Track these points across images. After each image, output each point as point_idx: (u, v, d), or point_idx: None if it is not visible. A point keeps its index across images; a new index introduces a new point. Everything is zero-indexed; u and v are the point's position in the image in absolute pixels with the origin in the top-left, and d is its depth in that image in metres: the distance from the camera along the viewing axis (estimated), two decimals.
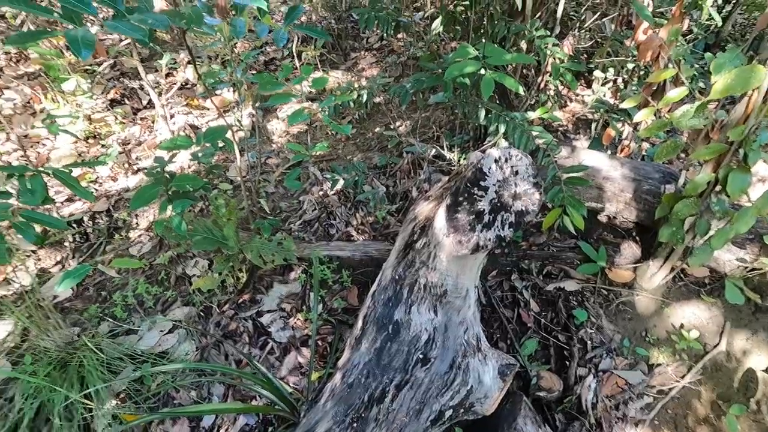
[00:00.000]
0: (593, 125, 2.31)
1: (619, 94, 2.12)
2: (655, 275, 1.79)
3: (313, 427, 1.17)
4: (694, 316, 1.77)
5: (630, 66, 2.43)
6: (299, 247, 2.06)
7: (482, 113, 1.87)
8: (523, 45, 2.05)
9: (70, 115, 2.93)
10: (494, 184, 1.14)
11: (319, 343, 1.77)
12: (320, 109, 1.85)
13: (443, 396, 1.21)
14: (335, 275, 1.98)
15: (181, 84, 3.42)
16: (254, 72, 3.49)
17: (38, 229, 1.40)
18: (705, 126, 1.40)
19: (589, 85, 3.04)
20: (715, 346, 1.68)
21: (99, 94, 3.27)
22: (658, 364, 1.62)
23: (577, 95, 3.02)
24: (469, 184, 1.13)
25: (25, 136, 2.90)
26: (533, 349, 1.69)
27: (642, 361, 1.61)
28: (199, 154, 1.89)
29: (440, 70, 1.82)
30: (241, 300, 1.92)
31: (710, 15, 1.53)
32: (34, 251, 2.25)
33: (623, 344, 1.66)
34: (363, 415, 1.15)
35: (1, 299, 1.99)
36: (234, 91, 3.32)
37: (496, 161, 1.12)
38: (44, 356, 1.60)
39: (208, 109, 3.25)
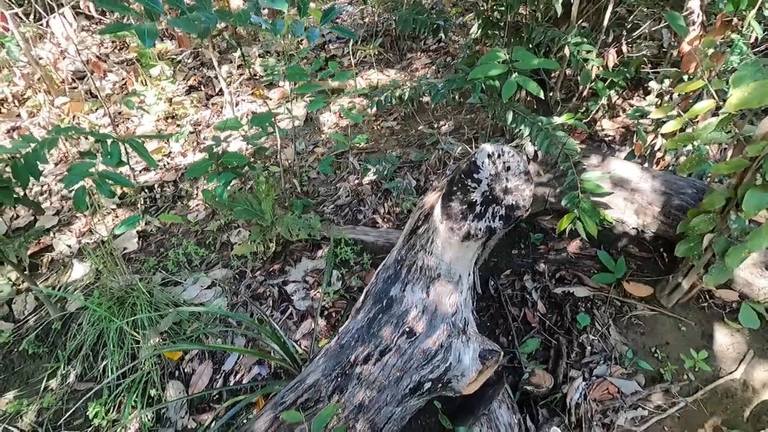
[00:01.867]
0: (635, 135, 2.25)
1: (659, 104, 2.05)
2: (674, 292, 1.74)
3: (304, 378, 1.34)
4: (713, 340, 1.70)
5: (686, 77, 2.33)
6: (328, 228, 2.25)
7: (509, 115, 1.93)
8: (566, 51, 2.06)
9: (154, 96, 3.37)
10: (487, 177, 1.22)
11: (333, 314, 1.94)
12: (367, 105, 2.00)
13: (423, 368, 1.32)
14: (358, 257, 2.14)
15: (250, 75, 3.77)
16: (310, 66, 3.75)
17: (116, 188, 1.70)
18: (730, 140, 1.37)
19: (646, 95, 2.92)
20: (730, 373, 1.61)
21: (181, 80, 3.71)
22: (662, 380, 1.59)
23: (632, 106, 2.92)
24: (463, 175, 1.23)
25: (119, 113, 3.39)
26: (534, 349, 1.73)
27: (641, 374, 1.59)
28: (249, 137, 2.14)
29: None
30: (271, 269, 2.15)
31: (750, 25, 1.46)
32: (114, 209, 2.66)
33: (626, 355, 1.65)
34: (347, 372, 1.29)
35: (85, 246, 2.39)
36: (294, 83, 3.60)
37: (489, 156, 1.21)
38: (109, 294, 1.92)
39: (271, 99, 3.56)
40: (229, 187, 1.93)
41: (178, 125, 3.29)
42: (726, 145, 1.92)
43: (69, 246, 2.44)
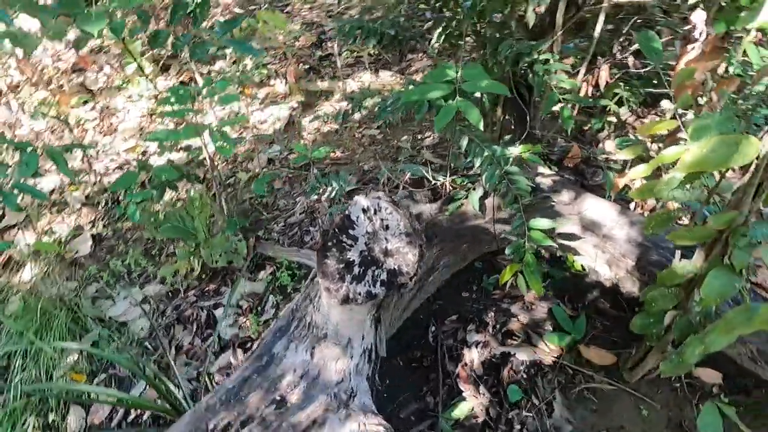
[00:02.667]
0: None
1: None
2: (638, 367, 1.45)
3: None
4: (680, 430, 1.40)
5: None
6: (271, 248, 2.09)
7: (464, 141, 1.67)
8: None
9: (137, 93, 3.34)
10: (363, 235, 1.01)
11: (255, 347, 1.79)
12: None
13: None
14: (297, 283, 1.98)
15: (242, 72, 3.66)
16: (307, 66, 3.58)
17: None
18: (696, 202, 1.07)
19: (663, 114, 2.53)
20: None
21: (173, 75, 3.66)
22: None
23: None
24: (337, 230, 1.02)
25: (106, 108, 3.39)
26: (463, 415, 1.50)
27: None
28: (191, 150, 2.01)
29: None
30: (207, 288, 2.03)
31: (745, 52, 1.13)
32: (78, 208, 2.63)
33: None
34: None
35: (39, 246, 2.37)
36: (285, 83, 3.46)
37: (364, 211, 0.99)
38: (36, 302, 1.87)
39: (258, 98, 3.43)
40: (163, 201, 1.82)
41: (161, 123, 3.24)
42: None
43: (28, 245, 2.44)
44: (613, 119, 2.48)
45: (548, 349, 1.58)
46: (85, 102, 3.37)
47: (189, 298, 1.98)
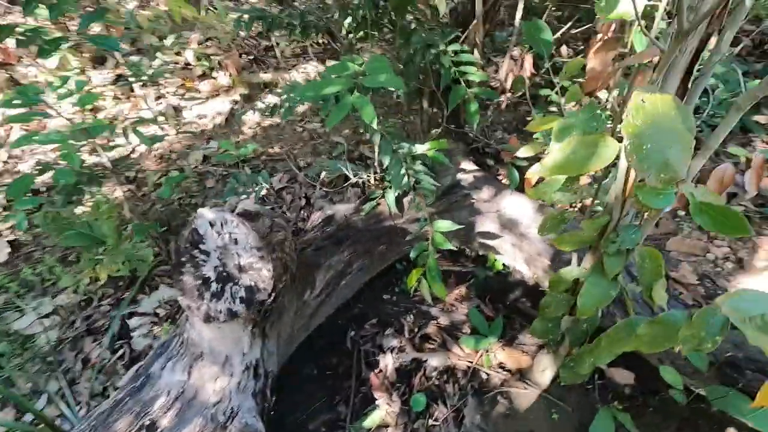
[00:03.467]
0: None
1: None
2: (547, 370, 1.41)
3: None
4: None
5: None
6: None
7: (377, 137, 1.59)
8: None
9: (65, 87, 3.15)
10: (215, 250, 0.93)
11: None
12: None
13: None
14: None
15: (184, 64, 3.50)
16: (251, 57, 3.44)
17: None
18: (574, 203, 1.01)
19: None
20: None
21: (111, 67, 3.48)
22: None
23: None
24: (189, 245, 0.94)
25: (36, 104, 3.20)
26: (374, 425, 1.44)
27: None
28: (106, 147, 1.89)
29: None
30: (123, 296, 1.93)
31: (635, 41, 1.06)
32: (1, 210, 2.48)
33: None
34: None
35: None
36: (229, 75, 3.32)
37: (211, 224, 0.91)
38: None
39: (199, 92, 3.29)
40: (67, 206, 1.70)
41: (95, 119, 3.08)
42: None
43: None
44: (555, 109, 2.43)
45: (463, 353, 1.53)
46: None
47: (102, 308, 1.88)
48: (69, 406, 1.46)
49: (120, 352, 1.74)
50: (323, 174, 1.92)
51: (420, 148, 1.45)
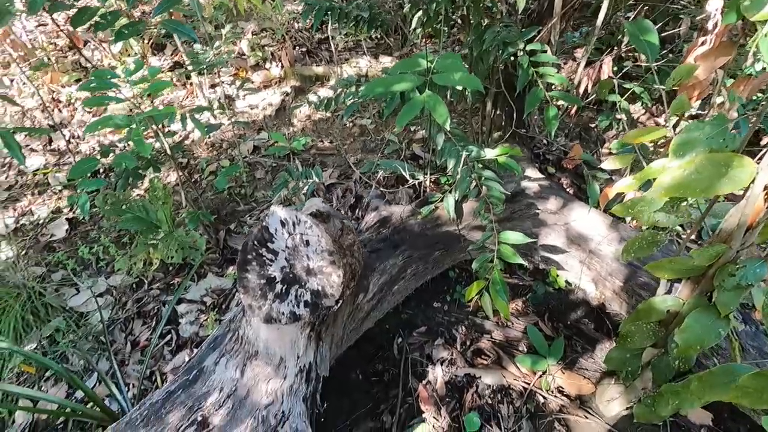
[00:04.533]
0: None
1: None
2: (615, 401, 1.30)
3: None
4: None
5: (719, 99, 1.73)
6: (241, 243, 1.99)
7: (440, 139, 1.51)
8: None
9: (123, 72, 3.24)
10: (284, 250, 0.88)
11: None
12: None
13: None
14: None
15: (238, 54, 3.53)
16: (304, 49, 3.43)
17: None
18: (682, 226, 0.90)
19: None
20: None
21: (169, 55, 3.56)
22: None
23: (659, 125, 2.31)
24: (257, 243, 0.89)
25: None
26: None
27: None
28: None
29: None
30: (173, 281, 1.94)
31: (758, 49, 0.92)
32: (60, 190, 2.58)
33: None
34: None
35: (20, 226, 2.33)
36: (281, 67, 3.32)
37: (282, 223, 0.86)
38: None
39: (252, 82, 3.31)
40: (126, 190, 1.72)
41: (151, 104, 3.15)
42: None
43: (6, 225, 2.40)
44: (623, 117, 2.27)
45: (519, 373, 1.44)
46: (78, 80, 3.31)
47: (152, 291, 1.91)
48: (118, 386, 1.48)
49: (167, 337, 1.76)
50: (381, 173, 1.87)
51: (490, 153, 1.36)
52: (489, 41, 1.46)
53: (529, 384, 1.41)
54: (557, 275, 1.60)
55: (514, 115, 1.71)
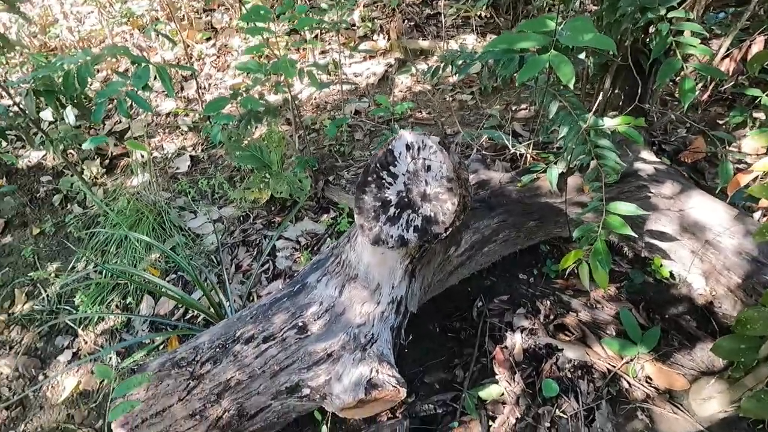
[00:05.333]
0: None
1: None
2: (712, 400, 1.21)
3: (199, 336, 1.30)
4: None
5: None
6: (337, 193, 2.12)
7: (554, 106, 1.48)
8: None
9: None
10: (404, 174, 0.95)
11: None
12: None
13: (304, 372, 1.15)
14: None
15: (349, 24, 3.68)
16: (413, 23, 3.48)
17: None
18: None
19: None
20: None
21: (285, 22, 3.81)
22: None
23: None
24: (379, 166, 0.97)
25: (224, 46, 3.66)
26: (490, 397, 1.40)
27: None
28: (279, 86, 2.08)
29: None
30: (273, 219, 2.14)
31: None
32: (185, 131, 2.93)
33: None
34: (227, 345, 1.20)
35: (153, 158, 2.69)
36: (387, 39, 3.41)
37: (408, 147, 0.92)
38: (137, 204, 2.14)
39: (359, 51, 3.43)
40: (249, 131, 1.92)
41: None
42: None
43: (142, 155, 2.79)
44: (762, 115, 2.02)
45: (604, 355, 1.39)
46: (208, 39, 3.68)
47: (256, 225, 2.11)
48: (226, 295, 1.67)
49: (265, 266, 1.94)
50: (484, 138, 1.87)
51: (609, 122, 1.31)
52: (625, 6, 1.39)
53: (614, 367, 1.36)
54: (661, 265, 1.51)
55: (638, 93, 1.61)
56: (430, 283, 1.40)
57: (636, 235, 1.24)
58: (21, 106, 1.95)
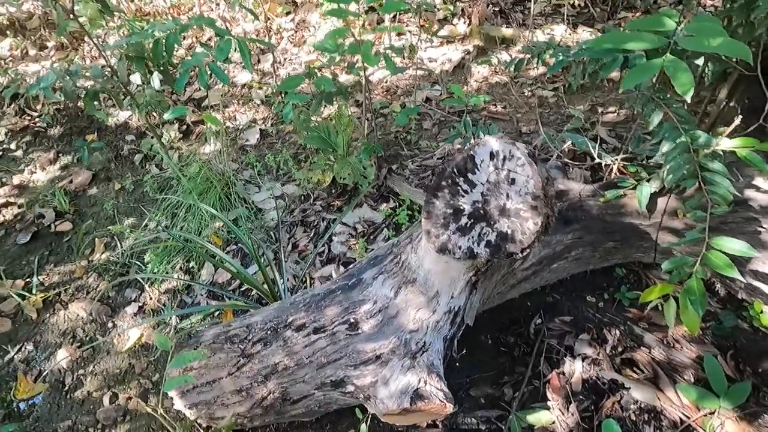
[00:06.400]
0: None
1: None
2: None
3: (252, 315, 1.32)
4: None
5: None
6: (399, 184, 2.07)
7: (656, 117, 1.31)
8: None
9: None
10: (483, 183, 0.87)
11: None
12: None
13: (351, 369, 1.13)
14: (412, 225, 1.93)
15: (431, 7, 3.53)
16: (497, 9, 3.27)
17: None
18: None
19: None
20: None
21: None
22: None
23: None
24: (455, 171, 0.89)
25: (303, 21, 3.68)
26: (539, 423, 1.31)
27: None
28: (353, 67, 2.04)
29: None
30: (333, 203, 2.13)
31: None
32: (258, 104, 2.99)
33: None
34: (279, 329, 1.21)
35: (223, 128, 2.78)
36: (467, 24, 3.24)
37: (492, 155, 0.84)
38: (207, 173, 2.22)
39: (436, 35, 3.30)
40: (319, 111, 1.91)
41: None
42: None
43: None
44: None
45: (678, 402, 1.24)
46: (288, 13, 3.71)
47: (316, 207, 2.12)
48: (281, 273, 1.70)
49: (321, 248, 1.95)
50: (567, 143, 1.72)
51: (726, 143, 1.13)
52: (765, 6, 1.18)
53: (688, 418, 1.21)
54: (761, 311, 1.31)
55: (762, 109, 1.38)
56: (490, 295, 1.32)
57: (743, 279, 1.08)
58: (114, 68, 2.07)
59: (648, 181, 1.37)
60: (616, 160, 1.63)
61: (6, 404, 1.63)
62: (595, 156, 1.59)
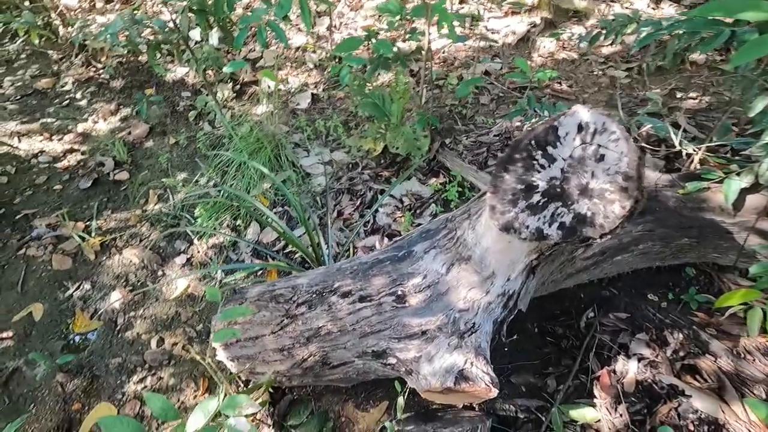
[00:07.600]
0: None
1: None
2: None
3: (298, 276, 1.31)
4: None
5: None
6: (452, 159, 1.98)
7: (761, 103, 1.16)
8: None
9: None
10: (565, 159, 0.78)
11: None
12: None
13: (395, 342, 1.10)
14: (462, 202, 1.86)
15: None
16: None
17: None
18: None
19: None
20: None
21: None
22: None
23: None
24: (533, 143, 0.81)
25: None
26: (582, 420, 1.25)
27: None
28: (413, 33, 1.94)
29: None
30: (381, 173, 2.08)
31: None
32: (310, 69, 2.95)
33: None
34: (324, 294, 1.19)
35: (276, 91, 2.77)
36: None
37: (580, 128, 0.75)
38: (258, 133, 2.22)
39: (501, 6, 3.10)
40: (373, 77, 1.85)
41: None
42: None
43: (269, 86, 2.88)
44: None
45: (745, 418, 1.14)
46: None
47: (363, 176, 2.08)
48: (326, 239, 1.69)
49: (366, 218, 1.92)
50: (646, 127, 1.57)
51: None
52: None
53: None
54: None
55: None
56: (545, 282, 1.24)
57: None
58: (177, 22, 2.07)
59: (738, 174, 1.23)
60: (700, 149, 1.48)
61: (65, 336, 1.75)
62: (676, 143, 1.45)
